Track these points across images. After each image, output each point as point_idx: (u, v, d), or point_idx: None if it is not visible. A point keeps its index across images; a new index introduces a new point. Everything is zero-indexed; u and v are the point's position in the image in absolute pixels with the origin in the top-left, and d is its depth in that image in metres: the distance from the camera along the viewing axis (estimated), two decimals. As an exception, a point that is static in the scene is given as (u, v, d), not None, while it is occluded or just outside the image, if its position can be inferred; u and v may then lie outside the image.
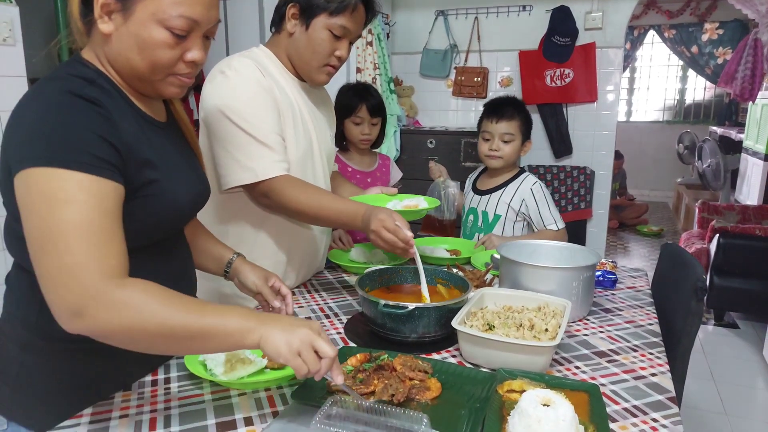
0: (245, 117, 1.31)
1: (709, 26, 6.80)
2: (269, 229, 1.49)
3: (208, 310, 0.83)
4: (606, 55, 3.76)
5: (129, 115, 0.94)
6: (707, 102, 7.73)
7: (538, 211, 2.00)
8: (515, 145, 2.02)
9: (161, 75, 0.94)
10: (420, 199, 1.55)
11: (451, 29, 4.07)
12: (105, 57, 0.93)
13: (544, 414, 0.82)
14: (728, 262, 3.51)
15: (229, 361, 1.00)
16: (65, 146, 0.81)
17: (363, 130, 2.13)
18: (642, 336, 1.29)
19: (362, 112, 2.10)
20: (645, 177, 7.84)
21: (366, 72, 3.57)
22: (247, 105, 1.32)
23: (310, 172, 1.50)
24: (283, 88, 1.41)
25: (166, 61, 0.92)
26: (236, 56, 1.39)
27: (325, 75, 1.43)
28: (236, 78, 1.33)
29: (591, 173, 3.87)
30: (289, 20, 1.38)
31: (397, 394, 0.93)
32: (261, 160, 1.32)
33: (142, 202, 0.93)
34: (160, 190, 0.95)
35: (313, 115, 1.51)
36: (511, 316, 1.21)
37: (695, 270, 1.44)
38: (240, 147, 1.32)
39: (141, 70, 0.92)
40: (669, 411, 0.96)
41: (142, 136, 0.95)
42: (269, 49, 1.45)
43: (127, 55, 0.91)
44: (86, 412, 0.94)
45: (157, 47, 0.90)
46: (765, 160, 4.44)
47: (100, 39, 0.92)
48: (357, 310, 1.41)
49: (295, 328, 0.84)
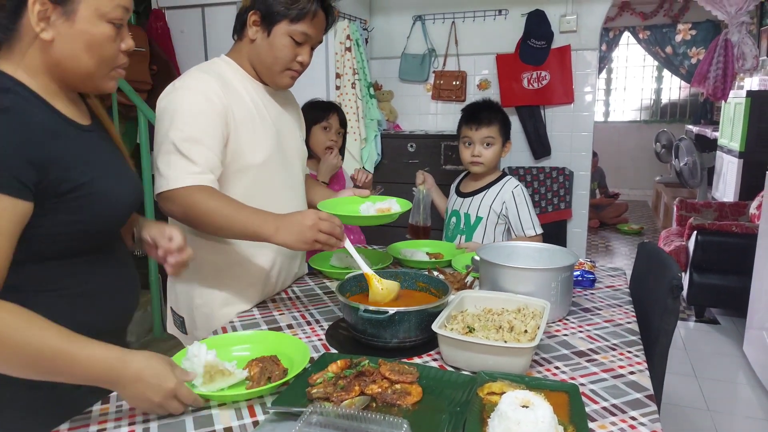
0: (178, 127, 1.28)
1: (682, 27, 6.94)
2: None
3: (76, 339, 0.87)
4: (582, 57, 3.82)
5: (49, 121, 0.94)
6: (683, 101, 7.87)
7: (518, 214, 2.01)
8: (496, 149, 2.04)
9: (106, 70, 0.98)
10: (392, 202, 1.54)
11: (428, 34, 4.09)
12: (35, 65, 0.93)
13: (523, 416, 0.83)
14: (707, 258, 3.56)
15: (208, 373, 0.98)
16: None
17: (331, 137, 2.21)
18: (621, 335, 1.30)
19: (332, 119, 2.22)
20: (624, 176, 7.94)
21: (345, 77, 3.58)
22: (185, 116, 1.29)
23: (280, 174, 1.49)
24: (243, 96, 1.41)
25: (110, 55, 0.96)
26: (194, 70, 1.39)
27: (288, 78, 1.45)
28: (184, 91, 1.32)
29: (570, 174, 3.91)
30: (251, 27, 1.39)
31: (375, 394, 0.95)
32: (177, 170, 1.27)
33: (75, 205, 0.94)
34: (93, 191, 0.96)
35: (281, 117, 1.52)
36: (491, 319, 1.21)
37: (671, 268, 1.46)
38: (161, 156, 1.30)
39: (89, 69, 0.95)
40: (647, 409, 0.97)
41: (66, 140, 0.95)
42: (231, 58, 1.45)
43: (74, 57, 0.93)
44: (63, 427, 0.92)
45: (103, 42, 0.94)
46: (739, 157, 4.53)
47: (33, 48, 0.92)
48: (338, 316, 1.41)
49: (153, 389, 0.89)
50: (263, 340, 1.20)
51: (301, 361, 1.06)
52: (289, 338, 1.20)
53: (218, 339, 1.20)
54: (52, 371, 0.87)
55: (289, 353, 1.11)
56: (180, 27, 3.59)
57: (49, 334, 0.85)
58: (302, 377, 1.04)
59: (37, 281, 0.94)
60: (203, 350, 1.01)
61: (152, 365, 0.90)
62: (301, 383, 1.02)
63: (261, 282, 1.51)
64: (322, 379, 1.01)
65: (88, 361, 0.87)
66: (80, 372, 0.87)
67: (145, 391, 0.89)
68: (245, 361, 1.07)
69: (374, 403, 0.97)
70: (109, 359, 0.88)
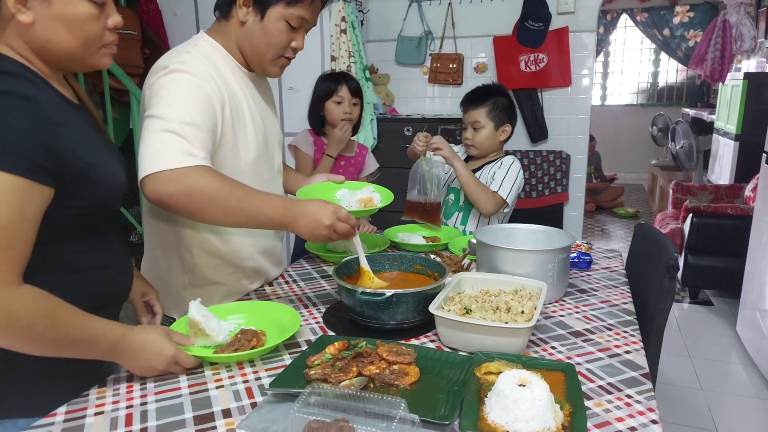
0: (173, 107, 1.17)
1: (680, 9, 6.90)
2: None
3: (90, 318, 0.93)
4: (579, 40, 3.79)
5: (57, 103, 0.95)
6: (680, 84, 7.85)
7: (496, 172, 2.04)
8: (486, 132, 2.06)
9: (94, 49, 0.98)
10: (370, 189, 1.47)
11: (425, 16, 4.05)
12: (25, 47, 0.94)
13: (520, 394, 0.83)
14: (702, 240, 3.58)
15: (192, 329, 1.09)
16: (1, 148, 0.83)
17: (345, 109, 2.20)
18: (617, 315, 1.31)
19: (343, 91, 2.21)
20: (620, 160, 7.94)
21: (341, 60, 3.54)
22: (179, 98, 1.19)
23: (268, 167, 1.45)
24: (233, 86, 1.31)
25: (94, 34, 0.96)
26: (183, 53, 1.26)
27: (278, 68, 1.36)
28: (178, 72, 1.21)
29: (567, 157, 3.90)
30: (240, 7, 1.27)
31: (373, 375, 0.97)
32: (174, 149, 1.14)
33: (84, 187, 0.96)
34: (99, 173, 0.98)
35: (261, 107, 1.43)
36: (488, 300, 1.21)
37: (667, 249, 1.47)
38: (153, 134, 1.15)
39: (73, 49, 0.95)
40: (643, 387, 0.98)
41: (72, 124, 0.96)
42: (216, 40, 1.32)
43: (56, 39, 0.93)
44: (60, 410, 0.92)
45: (84, 22, 0.94)
46: (735, 140, 4.53)
47: (16, 31, 0.92)
48: (335, 299, 1.41)
49: (156, 358, 0.99)
50: (255, 309, 1.27)
51: (292, 326, 1.14)
52: (281, 307, 1.26)
53: (213, 309, 1.20)
54: (72, 350, 0.93)
55: (282, 320, 1.19)
56: (172, 10, 3.54)
57: (73, 317, 0.91)
58: (300, 359, 1.04)
59: (50, 259, 0.96)
60: (193, 306, 1.10)
61: (152, 337, 1.00)
62: (299, 365, 1.02)
63: (250, 278, 1.48)
64: (320, 360, 1.01)
65: (98, 339, 0.94)
66: (93, 349, 0.95)
67: (148, 359, 0.99)
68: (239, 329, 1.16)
69: (372, 384, 0.97)
70: (115, 333, 0.96)
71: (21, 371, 0.97)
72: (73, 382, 0.99)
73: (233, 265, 1.42)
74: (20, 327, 0.85)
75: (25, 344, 0.87)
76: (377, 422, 0.80)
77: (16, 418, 0.98)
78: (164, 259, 1.41)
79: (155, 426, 0.88)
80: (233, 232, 1.39)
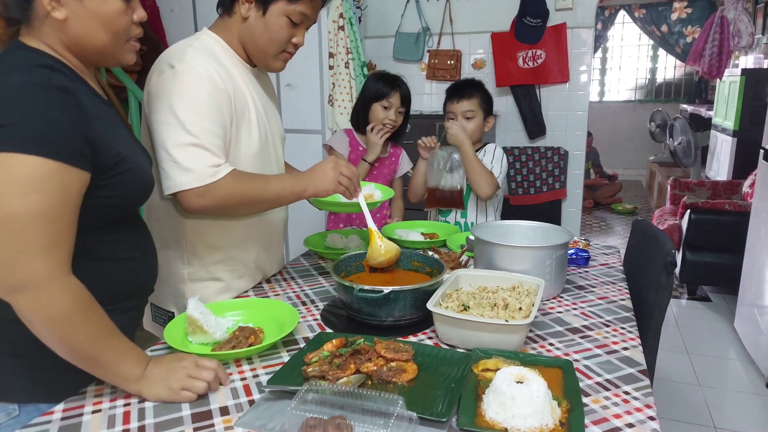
0: (190, 117, 1.21)
1: (678, 5, 6.88)
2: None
3: (116, 339, 0.93)
4: (577, 36, 3.78)
5: (91, 97, 0.99)
6: (678, 80, 7.84)
7: (483, 159, 2.10)
8: (477, 122, 2.11)
9: (122, 43, 1.00)
10: (371, 186, 1.53)
11: (423, 12, 4.04)
12: (60, 43, 0.96)
13: (517, 391, 0.84)
14: (700, 237, 3.58)
15: (191, 325, 1.10)
16: (38, 135, 0.84)
17: (390, 116, 2.14)
18: (614, 311, 1.31)
19: (394, 98, 2.14)
20: (619, 156, 7.94)
21: (339, 56, 3.53)
22: (194, 104, 1.21)
23: (267, 162, 1.45)
24: (236, 79, 1.33)
25: (124, 28, 0.99)
26: (187, 48, 1.26)
27: (281, 62, 1.38)
28: (186, 74, 1.22)
29: (565, 153, 3.90)
30: (243, 4, 1.29)
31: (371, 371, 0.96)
32: (203, 164, 1.21)
33: (117, 179, 0.98)
34: (130, 165, 1.01)
35: (264, 103, 1.44)
36: (486, 297, 1.21)
37: (665, 245, 1.47)
38: (180, 148, 1.21)
39: (105, 44, 0.98)
40: (640, 383, 0.98)
41: (104, 118, 0.99)
42: (218, 35, 1.34)
43: (90, 34, 0.96)
44: (57, 408, 0.92)
45: (116, 17, 0.97)
46: (733, 136, 4.53)
47: (51, 28, 0.95)
48: (333, 296, 1.41)
49: (170, 372, 0.95)
50: (253, 306, 1.27)
51: (290, 324, 1.13)
52: (279, 304, 1.27)
53: (211, 306, 1.21)
54: (92, 364, 0.92)
55: (280, 317, 1.19)
56: (170, 6, 3.53)
57: (93, 328, 0.91)
58: (298, 356, 1.04)
59: (84, 248, 0.96)
60: (192, 304, 1.11)
61: (163, 358, 0.99)
62: (296, 362, 1.02)
63: (250, 274, 1.48)
64: (317, 357, 1.01)
65: (120, 367, 0.94)
66: (101, 374, 0.94)
67: (167, 379, 0.94)
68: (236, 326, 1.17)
69: (370, 381, 0.97)
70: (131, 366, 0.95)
71: (45, 357, 0.95)
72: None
73: (234, 259, 1.43)
74: (63, 318, 0.86)
75: (58, 337, 0.88)
76: (375, 419, 0.80)
77: (39, 403, 0.99)
78: (164, 252, 1.41)
79: (153, 423, 0.88)
80: (237, 225, 1.41)
